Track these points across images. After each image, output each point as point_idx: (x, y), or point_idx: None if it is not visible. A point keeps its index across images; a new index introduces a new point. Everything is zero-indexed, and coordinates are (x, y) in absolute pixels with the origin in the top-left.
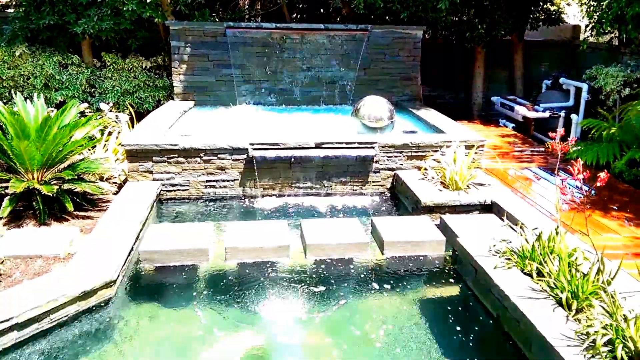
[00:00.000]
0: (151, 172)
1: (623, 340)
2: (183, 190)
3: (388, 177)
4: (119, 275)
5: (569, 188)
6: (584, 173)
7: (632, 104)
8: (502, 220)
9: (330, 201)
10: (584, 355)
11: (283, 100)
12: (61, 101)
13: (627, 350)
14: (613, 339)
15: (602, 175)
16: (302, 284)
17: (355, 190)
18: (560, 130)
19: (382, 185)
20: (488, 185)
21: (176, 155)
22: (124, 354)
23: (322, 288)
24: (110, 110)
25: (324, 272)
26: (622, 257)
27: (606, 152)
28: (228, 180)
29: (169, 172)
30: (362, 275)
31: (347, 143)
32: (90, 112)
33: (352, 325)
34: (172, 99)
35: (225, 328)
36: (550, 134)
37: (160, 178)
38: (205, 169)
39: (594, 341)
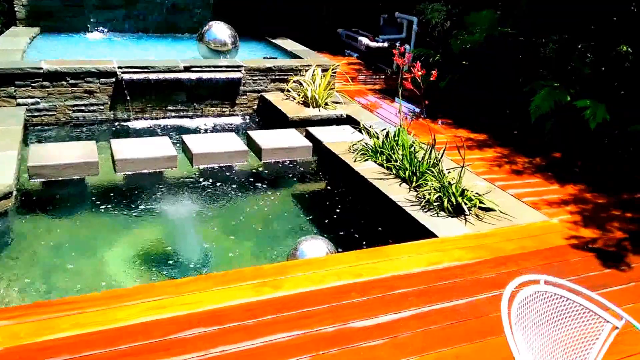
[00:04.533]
0: (14, 97)
1: (448, 196)
2: (50, 115)
3: (255, 99)
4: (13, 189)
5: (405, 105)
6: (422, 70)
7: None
8: (356, 128)
9: (202, 122)
10: (422, 210)
11: (140, 27)
12: None
13: (451, 204)
14: (442, 196)
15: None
16: (192, 188)
17: (225, 111)
18: (402, 49)
19: (249, 107)
20: (343, 103)
21: (40, 79)
22: (27, 255)
23: (210, 190)
24: None
25: (211, 177)
26: (445, 146)
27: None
28: (97, 104)
29: (33, 97)
30: (245, 178)
31: (215, 66)
32: None
33: (239, 216)
34: (15, 25)
35: (123, 228)
36: (394, 51)
37: (24, 103)
38: (72, 92)
39: (428, 200)
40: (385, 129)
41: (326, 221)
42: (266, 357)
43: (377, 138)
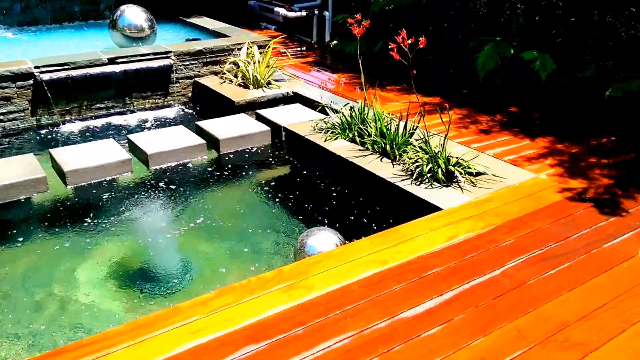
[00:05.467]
0: None
1: (439, 165)
2: None
3: (188, 86)
4: None
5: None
6: (411, 38)
7: None
8: (308, 107)
9: (137, 117)
10: (415, 183)
11: (29, 19)
12: None
13: (442, 173)
14: (433, 167)
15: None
16: (155, 192)
17: (158, 103)
18: (358, 16)
19: (183, 95)
20: (286, 80)
21: None
22: None
23: (174, 191)
24: None
25: (174, 178)
26: (421, 112)
27: (364, 41)
28: (17, 112)
29: None
30: (211, 174)
31: (142, 55)
32: None
33: (209, 213)
34: None
35: (91, 251)
36: (350, 20)
37: None
38: None
39: (420, 172)
40: (348, 103)
41: (317, 208)
42: None
43: (343, 114)
